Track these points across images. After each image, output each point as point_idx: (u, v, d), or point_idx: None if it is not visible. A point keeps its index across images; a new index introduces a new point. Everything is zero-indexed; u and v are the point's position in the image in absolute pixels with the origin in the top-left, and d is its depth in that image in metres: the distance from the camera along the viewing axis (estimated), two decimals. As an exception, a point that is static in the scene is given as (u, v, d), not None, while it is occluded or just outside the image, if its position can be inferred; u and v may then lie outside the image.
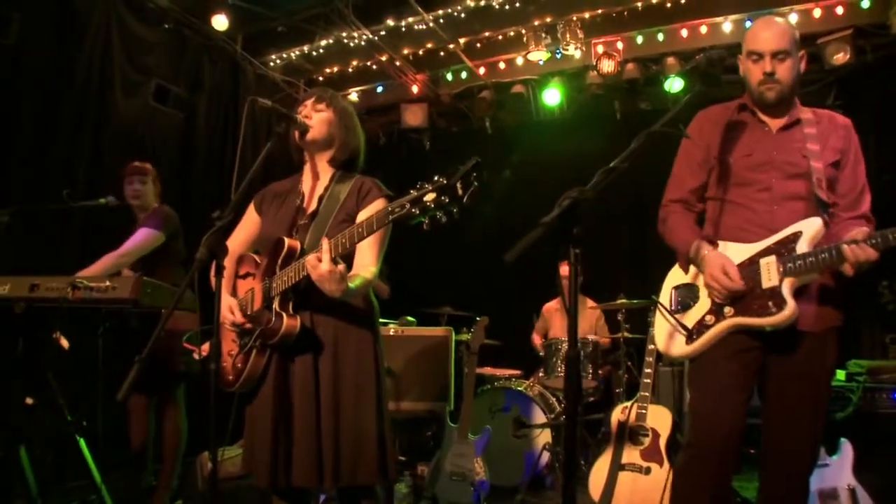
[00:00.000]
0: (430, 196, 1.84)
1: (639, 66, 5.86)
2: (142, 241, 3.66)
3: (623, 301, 5.02)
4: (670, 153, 2.65)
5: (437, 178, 1.85)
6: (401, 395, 4.51)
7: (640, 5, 5.49)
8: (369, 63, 6.52)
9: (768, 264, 2.26)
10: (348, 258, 2.31)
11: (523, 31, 5.88)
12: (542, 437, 4.64)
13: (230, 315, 2.36)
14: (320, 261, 2.10)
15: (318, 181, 2.53)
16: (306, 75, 6.69)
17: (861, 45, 5.20)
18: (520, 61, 6.22)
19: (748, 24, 5.27)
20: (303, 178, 2.57)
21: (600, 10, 5.61)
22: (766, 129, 2.43)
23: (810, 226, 2.27)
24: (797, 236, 2.27)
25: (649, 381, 3.87)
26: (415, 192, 1.88)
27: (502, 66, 6.37)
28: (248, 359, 2.33)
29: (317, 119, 2.47)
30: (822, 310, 2.30)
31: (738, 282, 2.26)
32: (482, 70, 6.44)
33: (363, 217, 2.33)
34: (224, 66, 6.03)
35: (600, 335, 5.71)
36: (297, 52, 6.32)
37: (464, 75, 6.57)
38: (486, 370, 5.44)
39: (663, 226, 2.58)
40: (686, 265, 2.50)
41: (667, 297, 2.53)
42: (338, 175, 2.52)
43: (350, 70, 6.62)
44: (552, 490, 4.52)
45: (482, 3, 5.60)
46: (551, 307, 6.10)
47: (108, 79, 4.98)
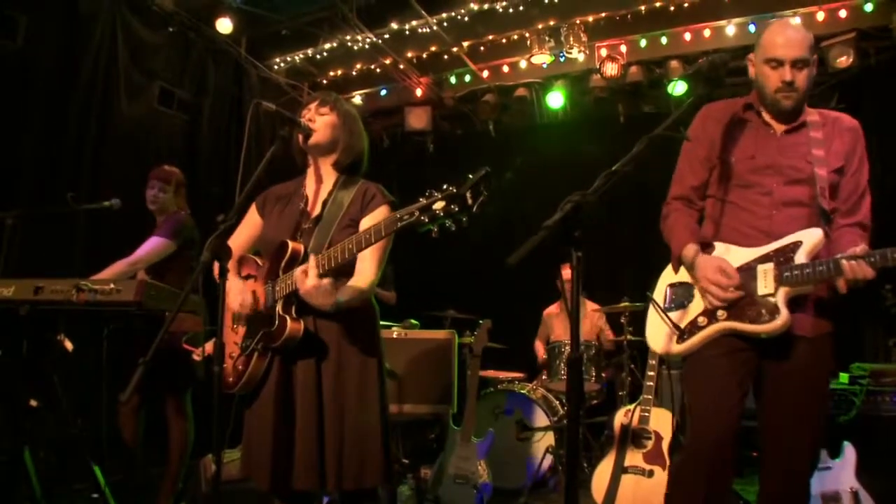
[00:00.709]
0: (439, 204, 1.83)
1: (642, 69, 5.87)
2: (151, 249, 3.64)
3: (626, 304, 5.02)
4: (673, 156, 2.63)
5: (446, 187, 1.84)
6: (404, 397, 4.51)
7: (643, 8, 5.51)
8: (373, 66, 6.53)
9: (765, 271, 2.25)
10: (349, 265, 2.31)
11: (527, 35, 5.89)
12: (545, 440, 4.64)
13: (246, 302, 2.39)
14: (307, 275, 2.13)
15: (321, 185, 2.53)
16: (310, 78, 6.71)
17: (864, 48, 5.21)
18: (523, 64, 6.24)
19: (752, 28, 5.29)
20: (306, 182, 2.57)
21: (604, 14, 5.63)
22: (771, 132, 2.40)
23: (811, 237, 2.24)
24: (797, 246, 2.24)
25: (652, 383, 3.87)
26: (424, 200, 1.87)
27: (506, 69, 6.40)
28: (250, 361, 2.33)
29: (320, 122, 2.46)
30: (817, 315, 2.28)
31: (735, 281, 2.24)
32: (486, 73, 6.46)
33: (368, 223, 2.34)
34: (228, 69, 6.05)
35: (603, 337, 5.72)
36: (301, 56, 6.34)
37: (467, 78, 6.59)
38: (489, 373, 5.45)
39: (664, 223, 2.57)
40: (677, 266, 2.48)
41: (661, 294, 2.50)
42: (342, 179, 2.51)
43: (354, 73, 6.64)
44: (555, 493, 4.52)
45: (486, 6, 5.63)
46: (552, 311, 6.10)
47: (112, 82, 5.00)
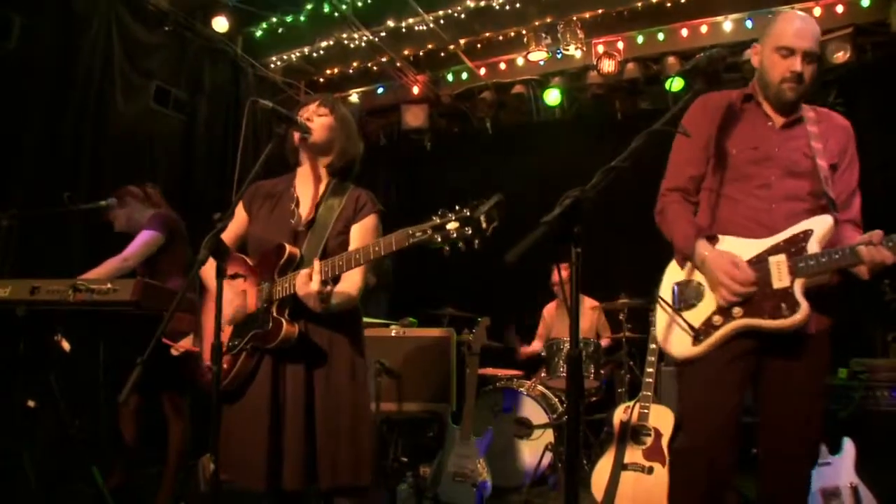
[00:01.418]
0: (452, 225, 1.87)
1: (639, 65, 5.85)
2: (142, 243, 3.65)
3: (624, 301, 5.02)
4: (670, 151, 2.58)
5: (459, 209, 1.88)
6: (402, 396, 4.50)
7: (640, 5, 5.48)
8: (370, 64, 6.51)
9: (778, 263, 2.19)
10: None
11: (523, 32, 5.87)
12: (545, 438, 4.64)
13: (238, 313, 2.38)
14: (311, 279, 2.15)
15: (313, 187, 2.52)
16: (307, 77, 6.69)
17: (861, 43, 5.20)
18: (520, 62, 6.22)
19: (748, 24, 5.28)
20: (296, 182, 2.56)
21: (600, 10, 5.61)
22: (770, 124, 2.39)
23: (821, 224, 2.21)
24: (808, 235, 2.20)
25: (651, 380, 3.87)
26: (437, 220, 1.90)
27: (503, 66, 6.37)
28: (237, 360, 2.33)
29: (318, 123, 2.47)
30: (819, 310, 2.24)
31: (750, 275, 2.20)
32: (483, 70, 6.44)
33: (357, 231, 2.41)
34: (224, 68, 6.03)
35: (602, 334, 5.72)
36: (297, 54, 6.32)
37: (464, 76, 6.57)
38: (488, 371, 5.44)
39: (661, 217, 2.50)
40: (682, 262, 2.42)
41: (668, 293, 2.43)
42: (333, 183, 2.52)
43: (350, 71, 6.62)
44: (555, 490, 4.51)
45: (482, 3, 5.60)
46: (551, 308, 6.10)
47: (108, 81, 4.98)
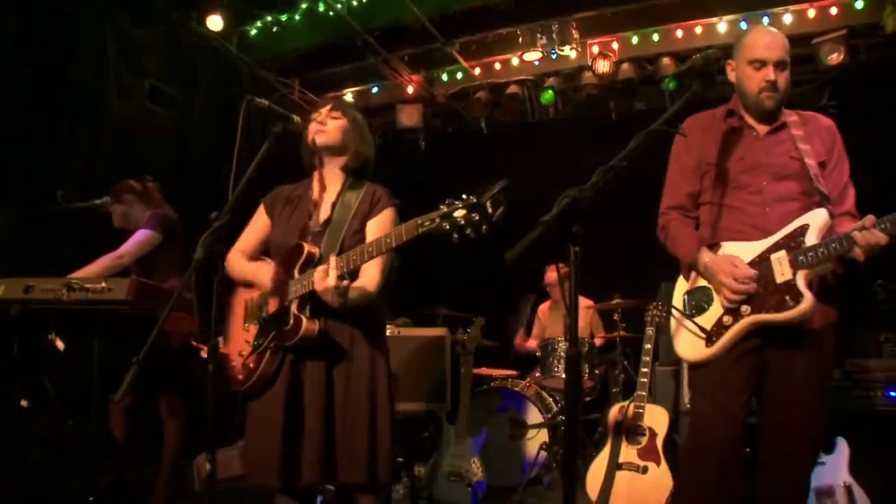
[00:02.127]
0: (459, 213, 1.91)
1: (634, 66, 5.86)
2: (138, 242, 3.62)
3: (619, 301, 5.03)
4: (665, 151, 2.66)
5: (465, 196, 1.92)
6: (397, 395, 4.50)
7: (635, 6, 5.49)
8: (364, 63, 6.50)
9: (779, 259, 2.28)
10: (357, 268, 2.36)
11: (519, 32, 5.87)
12: (539, 437, 4.64)
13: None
14: (327, 274, 2.18)
15: (329, 188, 2.58)
16: (301, 76, 6.67)
17: (855, 45, 5.22)
18: (515, 62, 6.22)
19: (743, 25, 5.29)
20: (314, 185, 2.62)
21: (596, 11, 5.61)
22: (755, 134, 2.49)
23: (817, 217, 2.29)
24: (805, 229, 2.29)
25: (646, 380, 3.88)
26: (445, 208, 1.95)
27: (498, 66, 6.36)
28: (262, 359, 2.38)
29: (332, 126, 2.52)
30: (824, 303, 2.30)
31: (749, 271, 2.28)
32: (478, 70, 6.44)
33: (373, 226, 2.45)
34: (219, 66, 6.02)
35: (595, 333, 5.72)
36: (292, 53, 6.29)
37: (459, 76, 6.56)
38: (483, 370, 5.44)
39: (664, 234, 2.61)
40: (688, 274, 2.53)
41: (680, 303, 2.53)
42: (349, 182, 2.57)
43: (345, 70, 6.60)
44: (550, 490, 4.52)
45: (478, 3, 5.59)
46: (544, 308, 6.11)
47: (102, 80, 4.97)
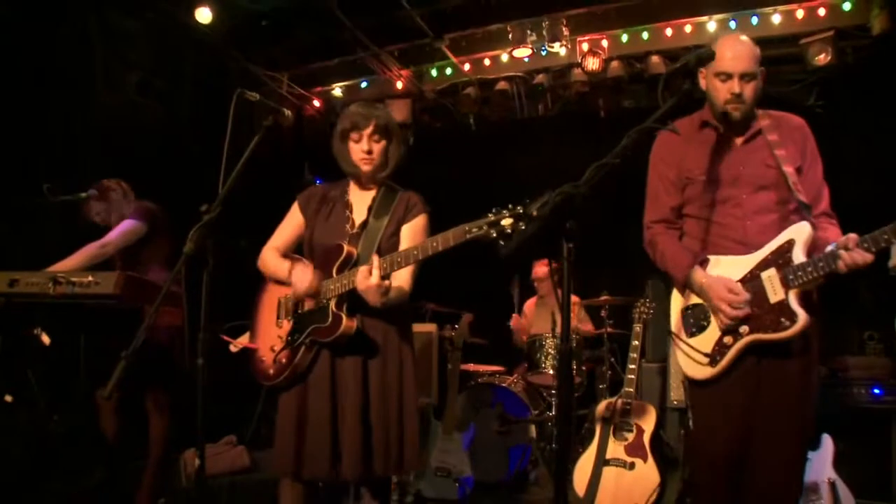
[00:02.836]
0: (507, 221, 1.98)
1: (623, 64, 5.86)
2: (124, 231, 3.60)
3: (606, 297, 5.05)
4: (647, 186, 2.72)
5: (512, 206, 1.99)
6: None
7: (625, 3, 5.50)
8: (353, 58, 6.47)
9: (770, 278, 2.33)
10: None
11: (508, 28, 5.86)
12: (527, 433, 4.65)
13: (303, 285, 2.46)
14: (371, 274, 2.26)
15: (366, 192, 2.67)
16: (290, 69, 6.64)
17: (842, 46, 5.25)
18: (505, 58, 6.20)
19: (732, 24, 5.32)
20: (350, 188, 2.70)
21: (586, 8, 5.61)
22: (730, 145, 2.52)
23: (801, 232, 2.33)
24: (791, 245, 2.32)
25: (633, 377, 3.90)
26: (492, 216, 2.02)
27: (487, 62, 6.34)
28: (296, 354, 2.45)
29: (377, 151, 2.59)
30: (806, 310, 2.32)
31: (745, 296, 2.33)
32: (467, 66, 6.42)
33: (407, 231, 2.55)
34: (207, 59, 5.97)
35: (582, 324, 5.72)
36: (280, 46, 6.25)
37: (448, 71, 6.53)
38: (469, 367, 5.45)
39: (652, 249, 2.64)
40: (682, 290, 2.55)
41: (676, 321, 2.55)
42: (384, 188, 2.66)
43: (334, 65, 6.57)
44: (536, 485, 4.54)
45: (468, -2, 5.59)
46: (531, 304, 6.11)
47: (89, 71, 4.91)
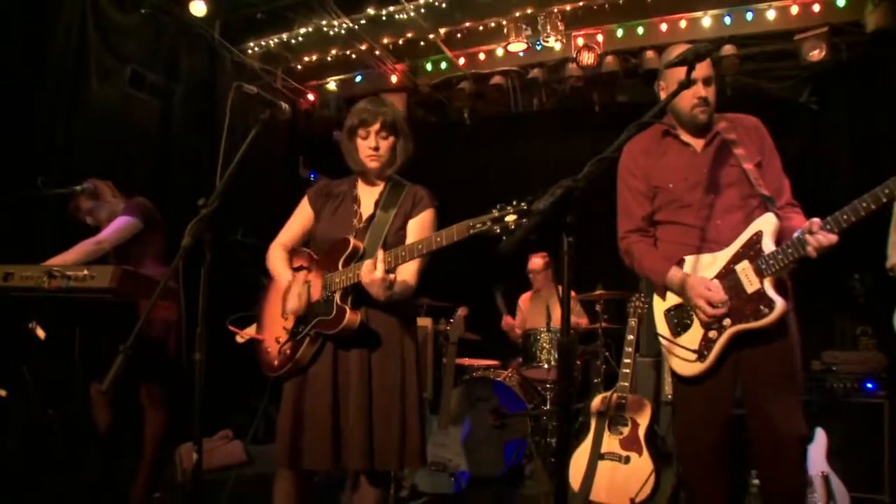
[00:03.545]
0: (511, 217, 2.00)
1: (618, 59, 5.88)
2: (118, 228, 3.59)
3: (601, 291, 5.06)
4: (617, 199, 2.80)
5: (516, 203, 2.00)
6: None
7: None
8: (348, 52, 6.45)
9: (745, 270, 2.43)
10: None
11: (504, 22, 5.86)
12: (522, 427, 4.66)
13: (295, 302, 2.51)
14: (375, 268, 2.27)
15: (373, 186, 2.68)
16: (284, 63, 6.62)
17: (836, 42, 5.27)
18: (500, 52, 6.20)
19: (727, 20, 5.34)
20: (358, 182, 2.71)
21: (581, 3, 5.61)
22: (692, 150, 2.61)
23: (768, 223, 2.45)
24: (759, 236, 2.44)
25: (629, 371, 3.90)
26: (496, 213, 2.03)
27: (482, 56, 6.35)
28: (300, 346, 2.47)
29: (384, 148, 2.60)
30: (781, 295, 2.42)
31: (723, 295, 2.42)
32: (462, 60, 6.42)
33: (414, 225, 2.57)
34: (201, 53, 5.94)
35: (577, 319, 5.73)
36: (275, 40, 6.24)
37: (443, 65, 6.53)
38: (464, 361, 5.45)
39: (629, 257, 2.74)
40: (663, 293, 2.65)
41: (662, 323, 2.66)
42: (392, 183, 2.67)
43: (329, 59, 6.55)
44: (531, 479, 4.55)
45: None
46: (526, 298, 6.12)
47: (82, 64, 4.87)
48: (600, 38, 5.82)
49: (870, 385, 4.09)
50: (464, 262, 6.31)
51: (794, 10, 5.22)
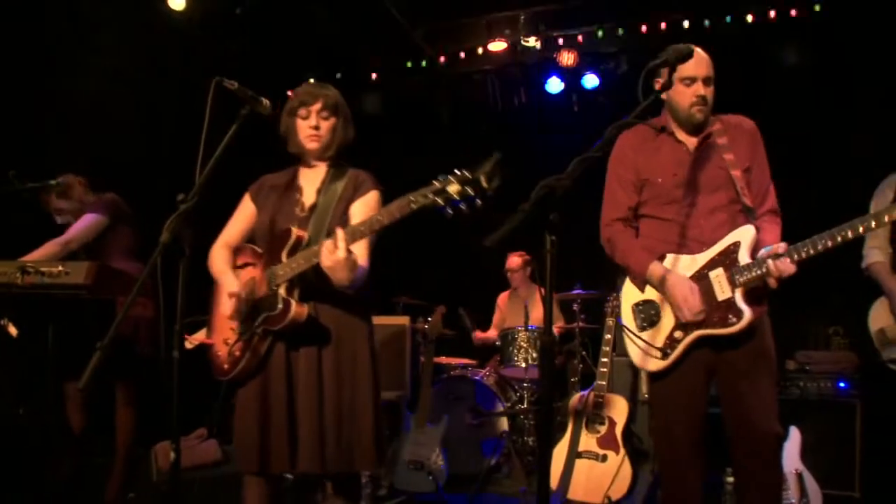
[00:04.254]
0: (453, 187, 1.91)
1: (598, 60, 5.92)
2: (85, 227, 3.54)
3: (579, 291, 5.08)
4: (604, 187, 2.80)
5: (459, 171, 1.92)
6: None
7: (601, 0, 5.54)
8: (328, 50, 6.41)
9: (718, 277, 2.48)
10: None
11: (484, 22, 5.87)
12: (500, 426, 4.68)
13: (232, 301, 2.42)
14: (337, 248, 2.15)
15: (314, 174, 2.60)
16: (262, 61, 6.54)
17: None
18: (480, 52, 6.21)
19: (707, 23, 5.39)
20: (300, 172, 2.63)
21: (562, 3, 5.64)
22: (685, 149, 2.64)
23: (746, 235, 2.49)
24: (737, 246, 2.48)
25: (606, 370, 3.93)
26: (438, 184, 1.94)
27: (463, 55, 6.35)
28: (249, 346, 2.37)
29: (325, 129, 2.52)
30: (754, 303, 2.47)
31: (700, 304, 2.47)
32: (442, 59, 6.41)
33: (358, 208, 2.46)
34: (180, 47, 5.87)
35: (554, 322, 5.76)
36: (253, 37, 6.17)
37: (423, 64, 6.52)
38: (442, 359, 5.45)
39: (611, 245, 2.74)
40: (642, 285, 2.66)
41: (629, 316, 2.69)
42: (333, 168, 2.59)
43: (307, 56, 6.50)
44: (509, 478, 4.57)
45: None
46: (504, 297, 6.13)
47: (60, 58, 4.80)
48: (580, 38, 5.84)
49: (842, 384, 4.16)
50: (443, 260, 6.37)
51: (772, 14, 5.28)
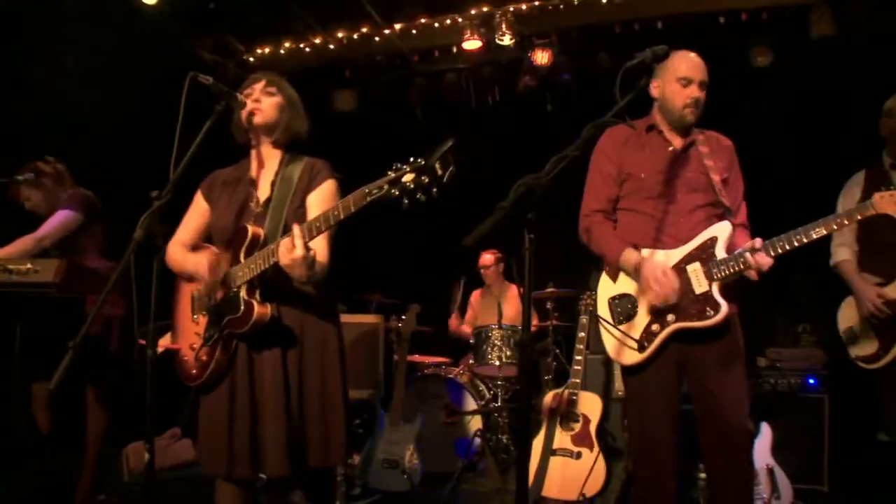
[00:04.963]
0: (408, 177, 1.86)
1: (572, 59, 5.94)
2: (59, 223, 3.47)
3: (552, 289, 5.11)
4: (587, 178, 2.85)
5: (413, 159, 1.87)
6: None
7: (576, 0, 5.55)
8: (302, 45, 6.37)
9: (695, 271, 2.55)
10: None
11: (459, 20, 5.86)
12: (474, 424, 4.69)
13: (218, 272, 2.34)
14: (294, 246, 2.08)
15: (267, 166, 2.50)
16: (237, 55, 6.49)
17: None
18: (454, 50, 6.20)
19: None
20: (251, 165, 2.53)
21: (537, 3, 5.64)
22: (671, 148, 2.71)
23: (723, 230, 2.57)
24: (714, 241, 2.56)
25: (580, 367, 3.96)
26: (392, 174, 1.89)
27: (437, 54, 6.34)
28: (214, 351, 2.30)
29: (267, 103, 2.45)
30: (727, 298, 2.53)
31: (676, 283, 2.51)
32: (416, 57, 6.40)
33: (315, 199, 2.38)
34: (152, 41, 5.78)
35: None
36: (228, 32, 6.11)
37: (397, 62, 6.50)
38: (415, 358, 5.44)
39: (588, 235, 2.79)
40: (615, 274, 2.72)
41: (605, 309, 2.73)
42: (286, 158, 2.49)
43: (282, 52, 6.45)
44: (483, 477, 4.58)
45: (419, -11, 5.56)
46: (477, 295, 6.14)
47: (28, 52, 4.70)
48: (555, 38, 5.86)
49: (811, 381, 4.24)
50: (416, 258, 6.35)
51: (742, 17, 5.35)
